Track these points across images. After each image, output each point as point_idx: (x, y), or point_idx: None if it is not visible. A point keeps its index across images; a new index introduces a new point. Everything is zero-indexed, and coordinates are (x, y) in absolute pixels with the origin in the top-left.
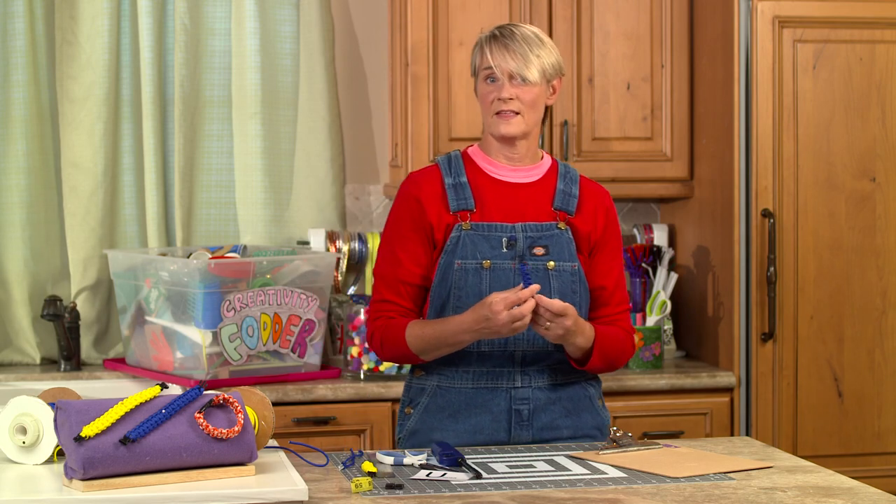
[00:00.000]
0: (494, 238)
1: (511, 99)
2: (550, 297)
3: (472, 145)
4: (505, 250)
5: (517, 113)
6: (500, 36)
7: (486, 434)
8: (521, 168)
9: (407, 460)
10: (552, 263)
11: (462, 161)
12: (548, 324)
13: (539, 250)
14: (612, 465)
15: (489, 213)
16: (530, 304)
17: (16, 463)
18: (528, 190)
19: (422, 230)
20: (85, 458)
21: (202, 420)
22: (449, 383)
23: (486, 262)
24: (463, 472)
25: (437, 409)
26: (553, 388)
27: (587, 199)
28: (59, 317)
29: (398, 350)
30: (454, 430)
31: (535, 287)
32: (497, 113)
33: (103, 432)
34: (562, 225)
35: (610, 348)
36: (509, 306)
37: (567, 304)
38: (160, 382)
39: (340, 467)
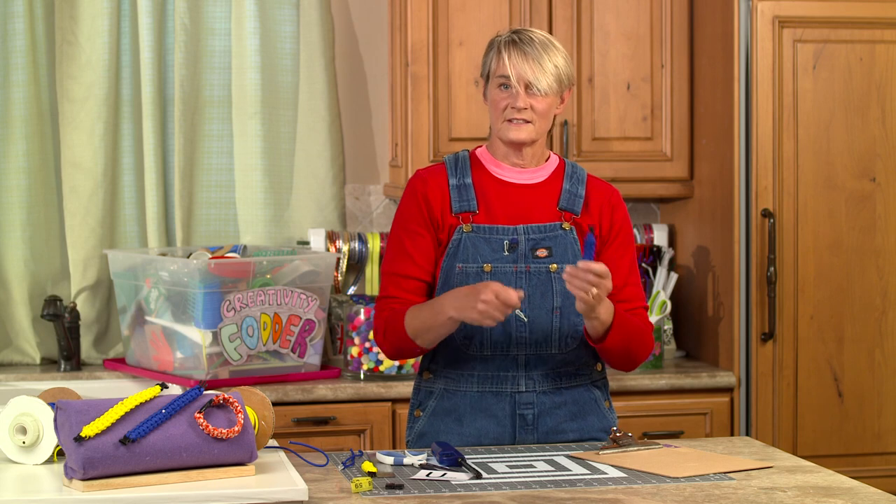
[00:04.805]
0: (496, 241)
1: (525, 108)
2: (552, 300)
3: (480, 146)
4: (506, 253)
5: (528, 122)
6: (519, 42)
7: (491, 438)
8: (527, 170)
9: (407, 460)
10: (554, 266)
11: (469, 162)
12: (593, 289)
13: (542, 252)
14: (612, 465)
15: (493, 216)
16: (513, 296)
17: (16, 463)
18: (533, 191)
19: (429, 225)
20: (85, 458)
21: (202, 420)
22: (455, 386)
23: (487, 266)
24: (463, 472)
25: (443, 413)
26: (558, 392)
27: (594, 198)
28: (59, 317)
29: (398, 336)
30: (459, 434)
31: (520, 293)
32: (508, 120)
33: (103, 432)
34: (566, 225)
35: (628, 327)
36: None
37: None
38: (160, 382)
39: (340, 467)
